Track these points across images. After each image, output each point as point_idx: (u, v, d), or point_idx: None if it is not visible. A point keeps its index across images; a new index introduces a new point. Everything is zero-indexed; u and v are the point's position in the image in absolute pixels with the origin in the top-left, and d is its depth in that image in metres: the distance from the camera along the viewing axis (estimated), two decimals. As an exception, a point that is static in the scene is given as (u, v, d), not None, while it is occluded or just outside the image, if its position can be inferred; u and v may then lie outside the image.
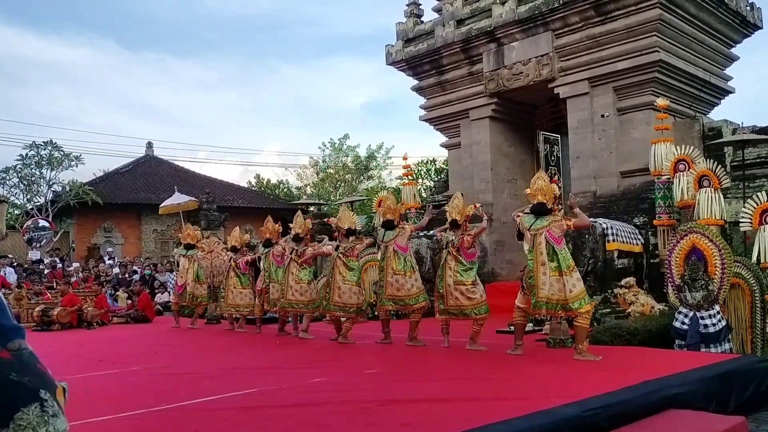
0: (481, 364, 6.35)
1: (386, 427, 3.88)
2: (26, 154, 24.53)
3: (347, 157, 37.57)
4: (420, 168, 30.00)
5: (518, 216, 6.82)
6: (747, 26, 13.19)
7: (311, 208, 21.21)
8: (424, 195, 19.45)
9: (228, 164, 62.03)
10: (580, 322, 6.45)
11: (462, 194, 8.27)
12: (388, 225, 8.20)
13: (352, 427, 3.94)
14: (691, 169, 9.33)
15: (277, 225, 10.39)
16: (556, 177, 12.47)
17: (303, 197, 34.12)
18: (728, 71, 13.53)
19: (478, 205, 8.22)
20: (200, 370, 6.58)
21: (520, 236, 6.87)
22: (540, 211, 6.62)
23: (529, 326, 6.94)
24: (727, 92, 13.42)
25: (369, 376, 5.85)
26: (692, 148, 9.93)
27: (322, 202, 28.47)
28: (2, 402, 1.23)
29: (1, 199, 19.44)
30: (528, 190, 6.86)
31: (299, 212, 10.07)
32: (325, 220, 12.34)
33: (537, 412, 3.96)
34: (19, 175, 24.59)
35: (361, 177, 37.30)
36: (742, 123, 11.80)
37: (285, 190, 38.17)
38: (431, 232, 9.72)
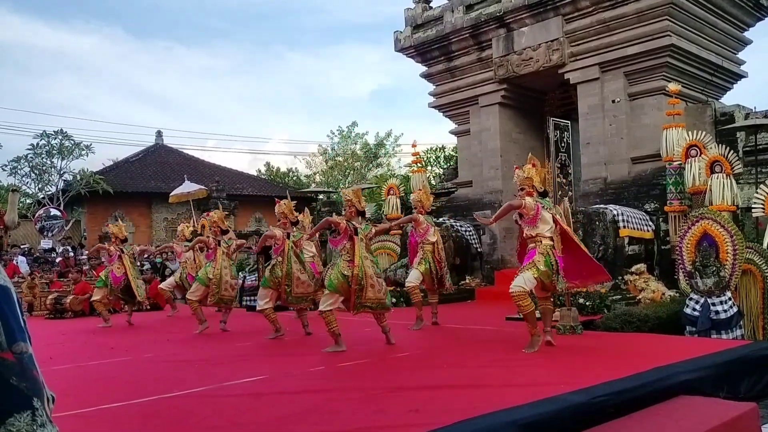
0: (489, 351, 6.34)
1: (394, 413, 3.89)
2: (37, 144, 24.69)
3: (356, 144, 37.54)
4: (429, 155, 29.94)
5: (529, 203, 6.03)
6: (760, 9, 13.01)
7: (320, 196, 21.23)
8: (433, 182, 19.40)
9: (237, 152, 62.00)
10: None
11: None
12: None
13: (359, 414, 3.95)
14: (702, 155, 9.26)
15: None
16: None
17: (312, 185, 34.16)
18: (741, 55, 13.37)
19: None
20: (210, 357, 6.62)
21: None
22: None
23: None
24: (739, 76, 13.26)
25: (378, 363, 5.86)
26: (704, 133, 9.84)
27: (331, 189, 28.51)
28: None
29: (13, 188, 19.54)
30: (528, 174, 6.21)
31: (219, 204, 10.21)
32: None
33: (545, 399, 3.95)
34: (31, 164, 24.76)
35: (370, 165, 37.27)
36: (755, 107, 11.68)
37: (294, 178, 38.22)
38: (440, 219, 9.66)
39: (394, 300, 10.97)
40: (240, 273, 13.72)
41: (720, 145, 9.55)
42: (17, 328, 1.31)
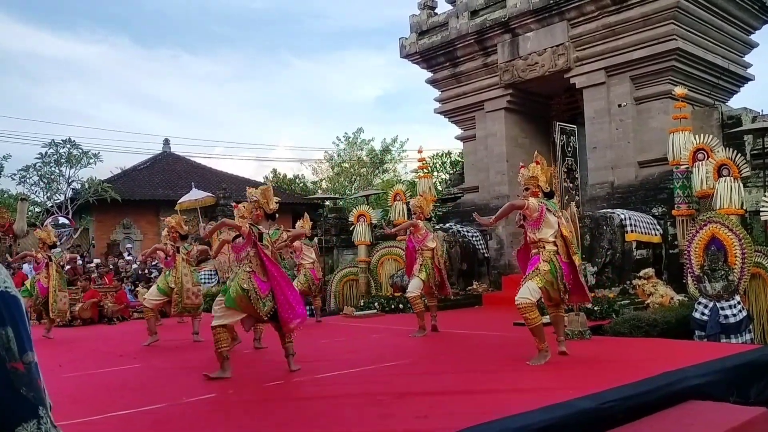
0: (497, 357, 6.32)
1: (401, 419, 3.88)
2: (45, 153, 24.78)
3: (362, 150, 37.57)
4: (435, 161, 29.93)
5: (533, 204, 5.71)
6: (766, 12, 12.98)
7: (327, 203, 21.27)
8: (439, 188, 19.40)
9: (243, 160, 62.34)
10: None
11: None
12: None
13: (366, 420, 3.94)
14: (710, 159, 9.22)
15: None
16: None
17: (319, 192, 34.21)
18: (747, 58, 13.34)
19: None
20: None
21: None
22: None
23: (546, 319, 6.14)
24: (746, 79, 13.23)
25: (385, 369, 5.85)
26: (711, 136, 9.81)
27: (338, 196, 28.55)
28: (8, 414, 1.26)
29: (22, 197, 19.68)
30: (534, 173, 5.88)
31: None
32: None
33: (554, 404, 3.93)
34: (39, 173, 24.85)
35: (377, 171, 37.29)
36: (762, 111, 11.65)
37: (301, 184, 38.27)
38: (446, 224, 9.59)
39: (401, 306, 11.05)
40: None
41: (727, 148, 9.51)
42: (26, 338, 1.34)
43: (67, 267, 17.00)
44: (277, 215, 5.97)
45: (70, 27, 68.12)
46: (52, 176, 25.05)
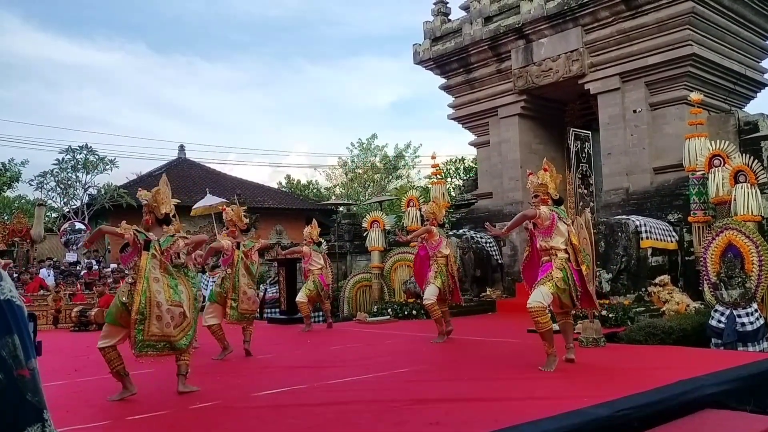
0: (510, 364, 6.29)
1: (414, 425, 3.87)
2: (63, 159, 25.12)
3: (375, 156, 37.63)
4: (449, 167, 29.90)
5: (544, 212, 5.71)
6: (784, 17, 12.87)
7: (341, 208, 21.32)
8: (453, 194, 19.37)
9: (257, 165, 62.76)
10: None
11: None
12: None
13: (380, 426, 3.94)
14: (726, 165, 9.15)
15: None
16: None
17: (332, 197, 34.29)
18: (764, 63, 13.24)
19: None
20: (231, 370, 6.65)
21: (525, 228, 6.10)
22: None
23: (555, 327, 6.00)
24: (763, 85, 13.12)
25: (398, 376, 5.85)
26: (727, 142, 9.73)
27: (351, 202, 28.61)
28: (14, 420, 1.32)
29: (40, 202, 19.95)
30: (543, 180, 5.88)
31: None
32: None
33: (567, 412, 3.91)
34: (56, 179, 25.18)
35: (390, 176, 37.32)
36: (780, 116, 11.52)
37: (315, 190, 38.39)
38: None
39: (414, 312, 11.02)
40: (261, 285, 13.81)
41: (744, 154, 9.42)
42: (30, 346, 1.38)
43: (83, 272, 17.18)
44: (173, 219, 5.42)
45: (87, 35, 69.03)
46: (69, 182, 25.36)
